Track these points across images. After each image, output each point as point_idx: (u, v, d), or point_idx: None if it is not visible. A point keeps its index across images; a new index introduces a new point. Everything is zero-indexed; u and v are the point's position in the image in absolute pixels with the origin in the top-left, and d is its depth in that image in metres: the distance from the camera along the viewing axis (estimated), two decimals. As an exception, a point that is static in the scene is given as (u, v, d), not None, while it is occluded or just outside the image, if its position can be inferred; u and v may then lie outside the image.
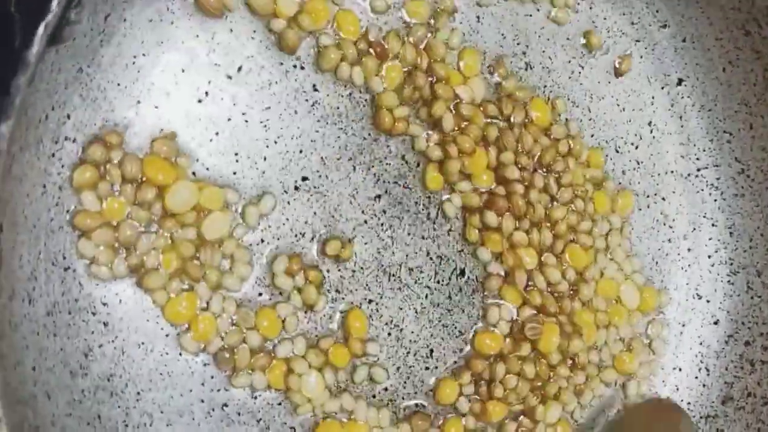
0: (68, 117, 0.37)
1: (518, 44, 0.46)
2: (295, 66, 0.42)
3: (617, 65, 0.48)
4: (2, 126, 0.30)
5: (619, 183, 0.49)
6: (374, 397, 0.44)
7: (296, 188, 0.42)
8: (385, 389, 0.44)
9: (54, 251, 0.37)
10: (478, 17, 0.45)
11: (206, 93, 0.40)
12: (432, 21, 0.44)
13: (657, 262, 0.50)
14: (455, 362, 0.46)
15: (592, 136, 0.48)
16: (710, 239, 0.50)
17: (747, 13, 0.46)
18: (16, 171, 0.35)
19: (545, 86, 0.47)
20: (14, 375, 0.35)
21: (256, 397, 0.42)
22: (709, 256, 0.50)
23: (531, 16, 0.46)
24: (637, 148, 0.49)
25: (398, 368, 0.45)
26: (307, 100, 0.42)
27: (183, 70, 0.40)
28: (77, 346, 0.38)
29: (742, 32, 0.47)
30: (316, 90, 0.42)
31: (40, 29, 0.29)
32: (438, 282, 0.45)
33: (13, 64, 0.29)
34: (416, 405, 0.45)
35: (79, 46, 0.36)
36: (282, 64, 0.42)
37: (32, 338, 0.36)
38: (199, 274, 0.40)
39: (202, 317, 0.40)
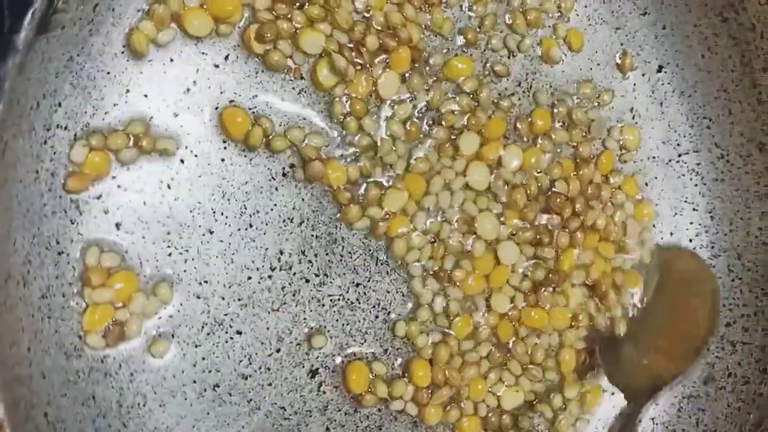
0: (59, 105, 0.38)
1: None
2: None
3: (618, 61, 0.49)
4: (-6, 109, 0.31)
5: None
6: (362, 378, 0.45)
7: (284, 175, 0.43)
8: (373, 375, 0.46)
9: (48, 235, 0.39)
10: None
11: (194, 82, 0.41)
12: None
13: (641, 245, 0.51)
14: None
15: (575, 122, 0.49)
16: (691, 223, 0.51)
17: (724, -1, 0.47)
18: (9, 157, 0.36)
19: (527, 73, 0.48)
20: (10, 355, 0.36)
21: (246, 378, 0.43)
22: (691, 240, 0.51)
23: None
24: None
25: (386, 350, 0.46)
26: (293, 88, 0.43)
27: (171, 59, 0.41)
28: (71, 328, 0.39)
29: (719, 19, 0.48)
30: (302, 78, 0.43)
31: (28, 16, 0.30)
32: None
33: (2, 50, 0.30)
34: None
35: (68, 35, 0.37)
36: (268, 53, 0.43)
37: (27, 320, 0.37)
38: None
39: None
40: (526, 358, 0.48)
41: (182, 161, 0.41)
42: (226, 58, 0.42)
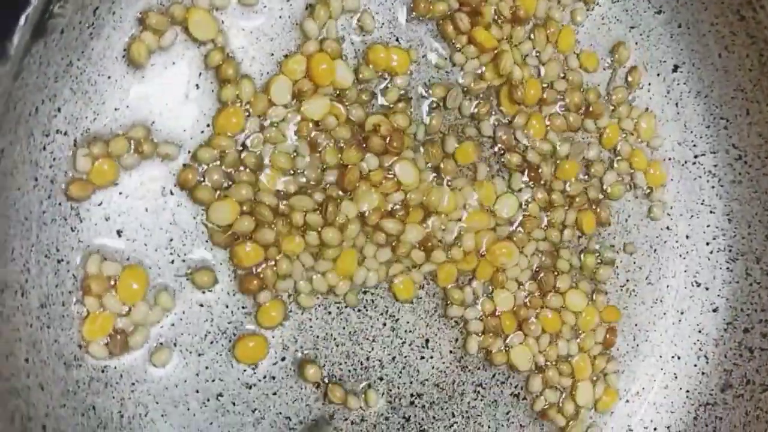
0: (59, 110, 0.37)
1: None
2: (286, 56, 0.42)
3: (629, 79, 0.48)
4: (-15, 117, 0.30)
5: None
6: (369, 387, 0.44)
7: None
8: (381, 378, 0.45)
9: (47, 243, 0.38)
10: None
11: (197, 85, 0.40)
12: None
13: (655, 250, 0.50)
14: (451, 351, 0.46)
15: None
16: (708, 226, 0.50)
17: (742, -3, 0.46)
18: (6, 165, 0.35)
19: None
20: (6, 366, 0.35)
21: (251, 387, 0.42)
22: (708, 243, 0.50)
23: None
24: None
25: (393, 358, 0.45)
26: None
27: (173, 63, 0.40)
28: (71, 338, 0.39)
29: (737, 17, 0.46)
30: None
31: (21, 21, 0.29)
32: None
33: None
34: (411, 395, 0.45)
35: (68, 39, 0.36)
36: (273, 54, 0.42)
37: (25, 330, 0.37)
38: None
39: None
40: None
41: (185, 166, 0.40)
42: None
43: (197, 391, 0.41)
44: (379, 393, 0.45)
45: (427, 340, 0.45)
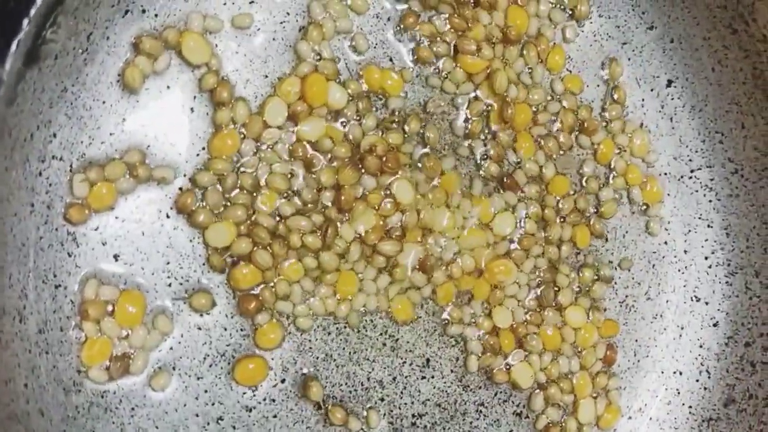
0: (54, 136, 0.38)
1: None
2: (280, 78, 0.42)
3: (615, 96, 0.48)
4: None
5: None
6: (371, 407, 0.44)
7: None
8: (382, 399, 0.44)
9: (44, 269, 0.38)
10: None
11: (191, 109, 0.41)
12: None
13: (653, 265, 0.50)
14: (452, 371, 0.46)
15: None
16: (706, 240, 0.50)
17: (733, 10, 0.46)
18: (2, 191, 0.35)
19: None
20: (6, 392, 0.35)
21: (251, 410, 0.42)
22: (706, 258, 0.50)
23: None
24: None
25: (394, 378, 0.45)
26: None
27: (168, 87, 0.40)
28: (70, 363, 0.39)
29: (729, 30, 0.46)
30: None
31: (12, 47, 0.30)
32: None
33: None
34: (413, 415, 0.45)
35: (62, 65, 0.37)
36: (267, 77, 0.42)
37: (24, 356, 0.37)
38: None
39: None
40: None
41: (181, 190, 0.41)
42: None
43: (197, 415, 0.41)
44: (381, 414, 0.45)
45: (428, 360, 0.45)
